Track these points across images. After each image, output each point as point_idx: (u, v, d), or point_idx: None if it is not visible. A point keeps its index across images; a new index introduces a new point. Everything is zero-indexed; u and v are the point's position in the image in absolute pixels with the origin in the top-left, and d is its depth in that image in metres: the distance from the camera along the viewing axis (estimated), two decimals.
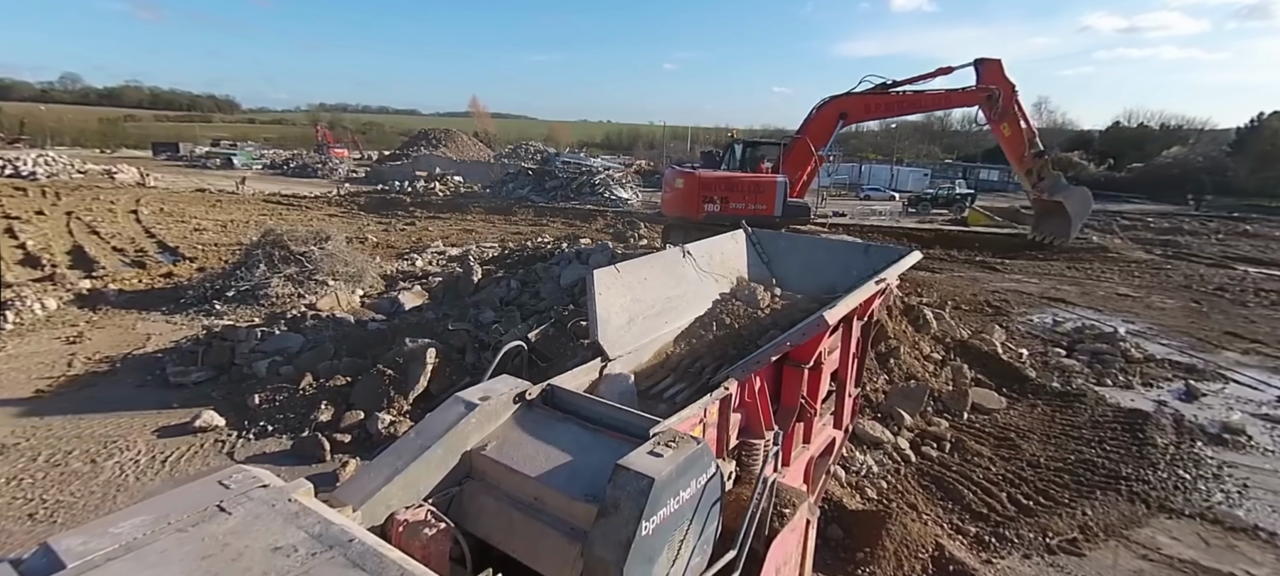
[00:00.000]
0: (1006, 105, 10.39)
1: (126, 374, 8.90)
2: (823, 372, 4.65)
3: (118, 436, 7.16)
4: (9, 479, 6.26)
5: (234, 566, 2.00)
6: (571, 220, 26.63)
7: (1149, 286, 16.95)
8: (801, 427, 4.58)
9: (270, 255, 12.36)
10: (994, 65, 10.83)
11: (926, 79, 11.51)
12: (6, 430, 7.21)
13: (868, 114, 11.65)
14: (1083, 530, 6.09)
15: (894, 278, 5.30)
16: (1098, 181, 56.03)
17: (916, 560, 5.35)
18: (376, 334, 9.44)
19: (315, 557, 2.06)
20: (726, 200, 9.91)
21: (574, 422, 3.38)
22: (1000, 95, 10.46)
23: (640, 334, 4.50)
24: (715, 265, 5.60)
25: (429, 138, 68.20)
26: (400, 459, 3.08)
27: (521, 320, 9.13)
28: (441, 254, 17.76)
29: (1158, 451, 7.58)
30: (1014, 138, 10.71)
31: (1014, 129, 10.65)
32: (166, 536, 2.13)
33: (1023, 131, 10.68)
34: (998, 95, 10.50)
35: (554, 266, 10.44)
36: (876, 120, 12.34)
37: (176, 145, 67.91)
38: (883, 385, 8.65)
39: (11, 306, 10.91)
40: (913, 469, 7.09)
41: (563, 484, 3.01)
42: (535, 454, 3.21)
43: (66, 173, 38.86)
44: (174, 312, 11.54)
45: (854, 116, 11.40)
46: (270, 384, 8.18)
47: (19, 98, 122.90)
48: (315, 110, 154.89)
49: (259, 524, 2.25)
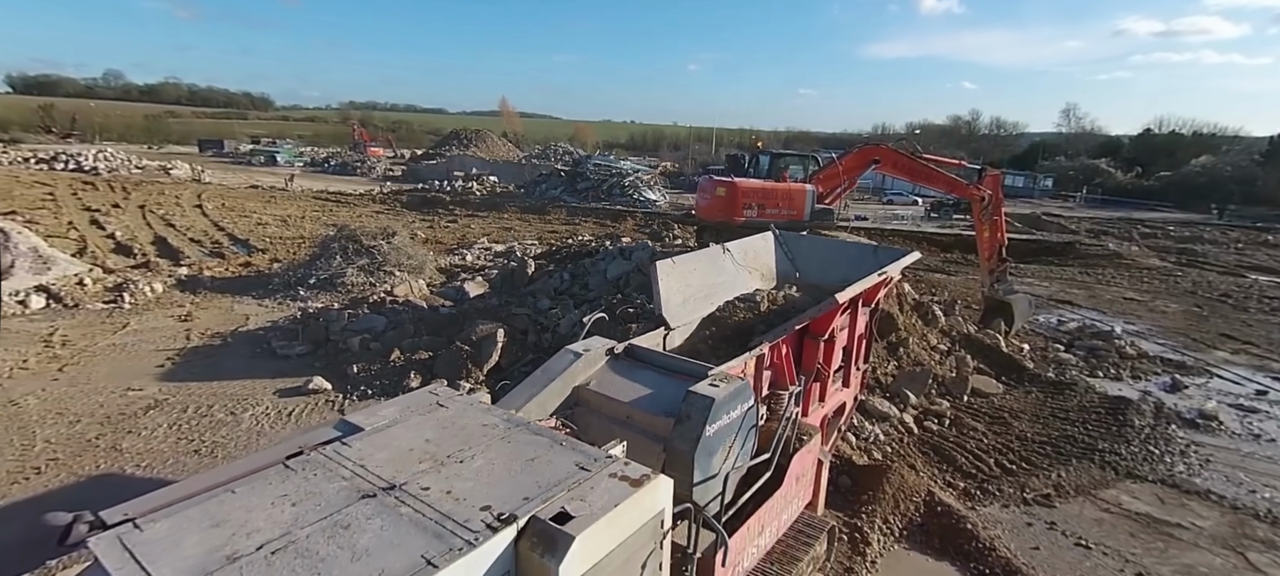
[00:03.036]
0: (994, 209, 12.16)
1: (237, 347, 10.41)
2: (836, 345, 5.88)
3: (246, 395, 8.63)
4: (171, 425, 7.74)
5: (462, 432, 3.36)
6: (602, 220, 27.96)
7: (1155, 291, 17.77)
8: (817, 388, 5.80)
9: (345, 248, 13.87)
10: (995, 176, 12.77)
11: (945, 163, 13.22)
12: (155, 389, 8.73)
13: (894, 169, 13.37)
14: (1056, 488, 7.22)
15: (896, 271, 6.51)
16: (1124, 189, 56.03)
17: (911, 503, 6.54)
18: (448, 317, 10.83)
19: (510, 429, 3.42)
20: (763, 206, 11.24)
21: (651, 369, 4.71)
22: (991, 200, 12.16)
23: (691, 311, 5.79)
24: (749, 260, 6.85)
25: (460, 137, 70.15)
26: (534, 388, 4.45)
27: (574, 307, 10.45)
28: (487, 249, 19.21)
29: (1134, 431, 8.64)
30: (991, 239, 12.45)
31: (992, 232, 12.36)
32: (414, 417, 3.53)
33: (999, 237, 12.41)
34: (989, 200, 12.17)
35: (600, 262, 11.76)
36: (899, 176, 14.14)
37: (222, 142, 70.79)
38: (892, 370, 9.80)
39: (128, 289, 12.53)
40: (914, 438, 8.26)
41: (647, 406, 4.35)
42: (625, 388, 4.55)
43: (125, 168, 41.28)
44: (264, 297, 13.08)
45: (883, 164, 13.04)
46: (363, 356, 9.62)
47: (64, 93, 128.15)
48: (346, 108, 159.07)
49: (469, 412, 3.64)
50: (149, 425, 7.68)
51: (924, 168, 12.63)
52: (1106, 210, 44.14)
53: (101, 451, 7.08)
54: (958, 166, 13.66)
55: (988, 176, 12.63)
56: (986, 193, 12.33)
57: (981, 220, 12.57)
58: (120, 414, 7.94)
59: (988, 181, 12.53)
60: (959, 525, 6.26)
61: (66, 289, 12.34)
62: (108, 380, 8.89)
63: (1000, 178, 13.06)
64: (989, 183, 12.51)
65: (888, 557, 5.97)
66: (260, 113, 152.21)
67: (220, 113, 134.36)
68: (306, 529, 2.58)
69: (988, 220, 12.50)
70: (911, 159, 12.70)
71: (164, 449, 7.21)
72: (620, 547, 2.84)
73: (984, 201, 12.31)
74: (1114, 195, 53.50)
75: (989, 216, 12.48)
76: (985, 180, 12.56)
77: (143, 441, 7.34)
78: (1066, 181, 58.74)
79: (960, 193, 13.07)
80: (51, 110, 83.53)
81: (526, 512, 2.66)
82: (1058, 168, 64.79)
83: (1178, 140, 70.17)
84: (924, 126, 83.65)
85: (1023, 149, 78.88)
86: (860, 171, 12.99)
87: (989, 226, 12.54)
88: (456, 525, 2.59)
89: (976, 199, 12.38)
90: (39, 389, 8.49)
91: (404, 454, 3.16)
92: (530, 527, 2.62)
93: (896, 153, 12.99)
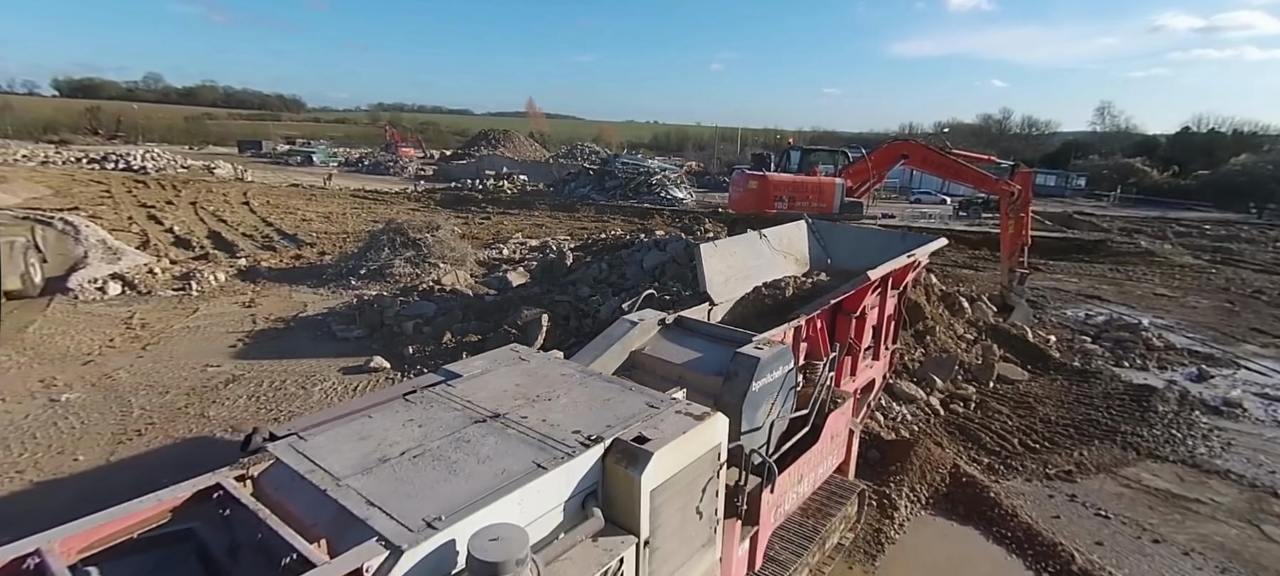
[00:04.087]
0: (1022, 206, 12.48)
1: (300, 330, 11.16)
2: (866, 322, 6.33)
3: (313, 372, 9.34)
4: (249, 396, 8.47)
5: (545, 379, 3.92)
6: (631, 217, 28.51)
7: (1187, 288, 17.75)
8: (849, 361, 6.26)
9: (392, 240, 14.62)
10: (1026, 173, 13.12)
11: (975, 158, 13.54)
12: (231, 366, 9.49)
13: (923, 164, 13.63)
14: (1078, 465, 7.57)
15: (924, 255, 6.93)
16: (1160, 188, 54.95)
17: (937, 475, 6.95)
18: (493, 304, 11.47)
19: (586, 377, 3.96)
20: (793, 199, 11.69)
21: (699, 337, 5.23)
22: (1020, 197, 12.44)
23: (732, 289, 6.31)
24: (784, 245, 7.33)
25: (488, 138, 71.38)
26: (596, 351, 5.00)
27: (613, 295, 11.00)
28: (522, 244, 19.88)
29: (1157, 416, 8.91)
30: (1015, 236, 12.75)
31: (1017, 229, 12.67)
32: (501, 368, 4.10)
33: (1023, 235, 12.72)
34: (1018, 196, 12.45)
35: (636, 253, 12.30)
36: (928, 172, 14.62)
37: (260, 143, 72.94)
38: (918, 357, 10.17)
39: (195, 277, 13.41)
40: (940, 420, 8.63)
41: (698, 367, 4.87)
42: (677, 352, 5.08)
43: (172, 167, 43.03)
44: (318, 286, 13.88)
45: (912, 160, 13.34)
46: (417, 339, 10.29)
47: (107, 96, 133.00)
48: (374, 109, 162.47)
49: (548, 364, 4.21)
50: (230, 396, 8.42)
51: (953, 163, 12.96)
52: (1141, 209, 43.41)
53: (191, 418, 7.82)
54: (988, 162, 13.94)
55: (1019, 173, 12.94)
56: (1016, 188, 12.61)
57: (1008, 215, 12.87)
58: (203, 386, 8.69)
59: (1019, 177, 12.83)
60: (983, 494, 6.66)
61: (139, 277, 13.25)
62: (187, 357, 9.68)
63: (1031, 176, 13.35)
64: (1020, 179, 12.80)
65: (914, 522, 6.40)
66: (292, 114, 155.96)
67: (254, 114, 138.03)
68: (436, 442, 3.17)
69: (1014, 216, 12.81)
70: (940, 154, 13.04)
71: (246, 416, 7.92)
72: (686, 469, 3.37)
73: (1013, 197, 12.61)
74: (1149, 194, 52.52)
75: (1016, 213, 12.78)
76: (1016, 176, 12.85)
77: (226, 409, 8.07)
78: (1100, 181, 57.77)
79: (989, 187, 13.35)
80: (98, 112, 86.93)
81: (610, 435, 3.21)
82: (1091, 167, 63.70)
83: (1217, 138, 68.52)
84: (953, 125, 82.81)
85: (1055, 148, 77.57)
86: (889, 166, 13.37)
87: (1014, 222, 12.84)
88: (555, 442, 3.15)
89: (1006, 194, 12.67)
90: (127, 364, 9.30)
91: (500, 393, 3.73)
92: (615, 446, 3.17)
93: (925, 148, 13.36)
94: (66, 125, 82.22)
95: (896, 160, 13.11)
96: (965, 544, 6.13)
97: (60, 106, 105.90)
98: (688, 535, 3.55)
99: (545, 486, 2.87)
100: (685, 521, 3.50)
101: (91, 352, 9.69)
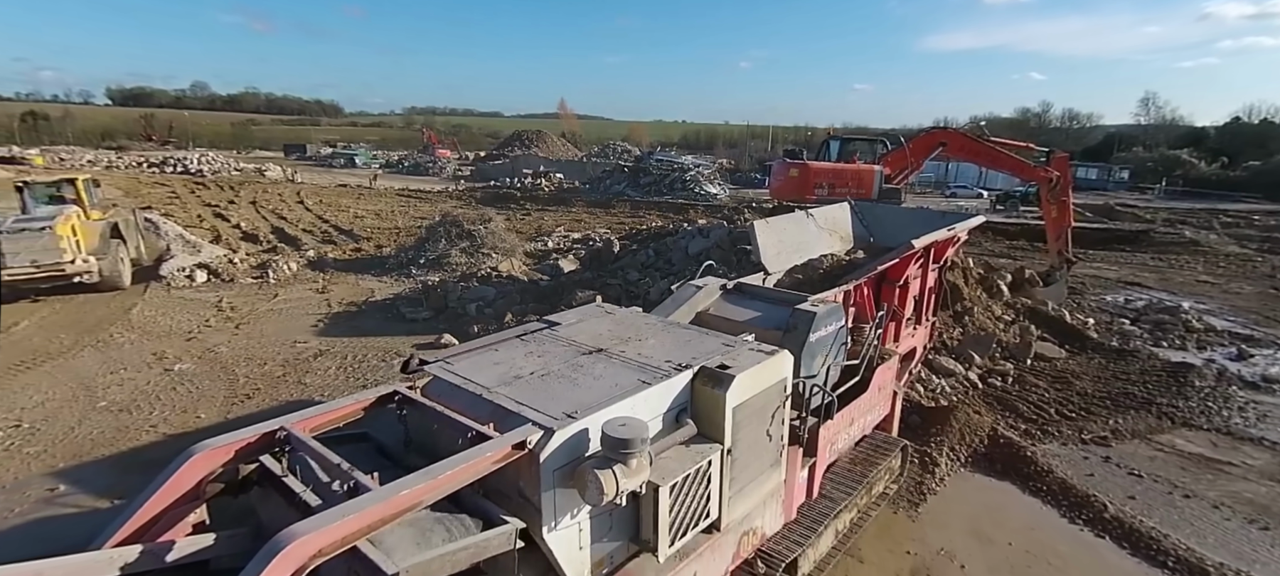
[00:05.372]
0: (1062, 191, 12.78)
1: (372, 312, 12.06)
2: (908, 292, 6.84)
3: (390, 347, 10.18)
4: (338, 367, 9.34)
5: (632, 326, 4.57)
6: (666, 213, 29.12)
7: (1231, 275, 17.65)
8: (892, 327, 6.78)
9: (448, 232, 15.51)
10: (1062, 157, 13.43)
11: (1012, 145, 13.84)
12: (316, 342, 10.40)
13: (961, 152, 14.02)
14: (1112, 432, 7.95)
15: (963, 231, 7.40)
16: (1208, 180, 53.40)
17: (975, 437, 7.43)
18: (548, 288, 12.21)
19: (666, 325, 4.61)
20: (833, 186, 12.17)
21: (758, 299, 5.82)
22: (1059, 182, 12.74)
23: (784, 261, 6.88)
24: (829, 224, 7.88)
25: (521, 139, 72.75)
26: (666, 310, 5.63)
27: (661, 278, 11.64)
28: (565, 237, 20.67)
29: (1194, 390, 9.19)
30: (1059, 220, 13.06)
31: (1061, 213, 12.98)
32: (591, 318, 4.77)
33: (1067, 220, 13.02)
34: (1057, 182, 12.75)
35: (681, 240, 12.93)
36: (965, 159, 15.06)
37: (304, 146, 75.47)
38: (957, 336, 10.57)
39: (271, 267, 14.47)
40: (979, 392, 9.07)
41: (759, 323, 5.46)
42: (739, 312, 5.67)
43: (226, 170, 45.09)
44: (382, 274, 14.84)
45: (950, 148, 13.73)
46: (480, 319, 11.08)
47: (157, 103, 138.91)
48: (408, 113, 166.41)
49: (631, 316, 4.88)
50: (320, 367, 9.30)
51: (990, 150, 13.27)
52: (1187, 202, 42.39)
53: (290, 385, 8.70)
54: (1025, 149, 14.21)
55: (1055, 158, 13.20)
56: (1054, 174, 12.88)
57: (1049, 201, 13.10)
58: (294, 359, 9.59)
59: (1055, 163, 13.09)
60: (1020, 454, 7.12)
61: (222, 266, 14.37)
62: (276, 335, 10.62)
63: (1068, 159, 13.59)
64: (1056, 165, 13.06)
65: (954, 478, 6.90)
66: (330, 119, 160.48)
67: (294, 120, 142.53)
68: (556, 366, 3.86)
69: (1056, 201, 13.03)
70: (977, 141, 13.35)
71: (337, 384, 8.77)
72: (760, 394, 4.00)
73: (1052, 182, 12.85)
74: (1197, 187, 51.09)
75: (1057, 198, 13.00)
76: (1053, 162, 13.12)
77: (320, 378, 8.94)
78: (1144, 173, 56.35)
79: (1027, 174, 13.62)
80: (152, 119, 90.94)
81: (697, 363, 3.86)
82: (1135, 159, 62.10)
83: (1269, 129, 66.13)
84: (989, 119, 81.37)
85: (1097, 141, 75.71)
86: (927, 154, 13.70)
87: (1057, 207, 13.07)
88: (653, 368, 3.81)
89: (1044, 180, 12.94)
90: (225, 341, 10.27)
91: (598, 335, 4.41)
92: (702, 371, 3.82)
93: (962, 135, 13.68)
94: (123, 132, 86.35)
95: (934, 148, 13.47)
96: (1002, 496, 6.61)
97: (116, 115, 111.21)
98: (760, 452, 4.18)
99: (649, 398, 3.53)
100: (758, 440, 4.13)
101: (191, 331, 10.70)
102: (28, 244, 11.52)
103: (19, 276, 11.46)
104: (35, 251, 11.57)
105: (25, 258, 11.50)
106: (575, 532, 3.24)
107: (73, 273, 11.92)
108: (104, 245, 12.68)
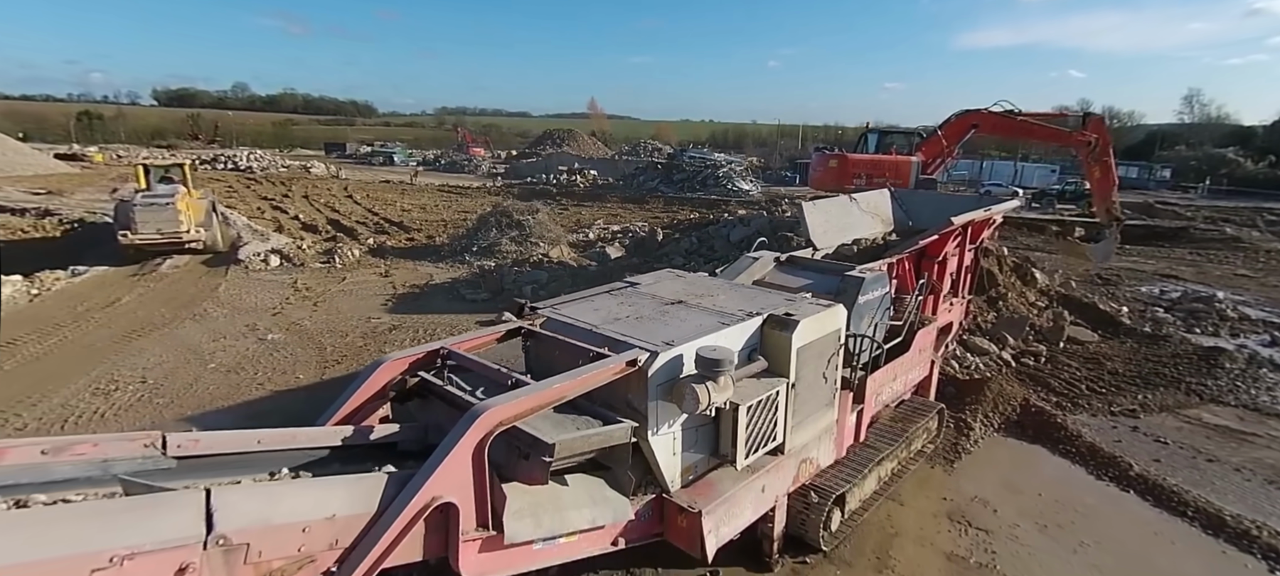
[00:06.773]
0: (1102, 152, 12.93)
1: (434, 294, 12.95)
2: (946, 268, 7.40)
3: (455, 323, 11.03)
4: (412, 339, 10.22)
5: (702, 285, 5.30)
6: (698, 208, 29.74)
7: (1270, 270, 17.62)
8: (932, 300, 7.35)
9: (499, 222, 16.38)
10: (1098, 119, 13.54)
11: (1047, 115, 14.14)
12: (389, 319, 11.30)
13: (994, 130, 14.31)
14: (1141, 405, 8.38)
15: (1000, 213, 7.92)
16: (1254, 179, 51.99)
17: (1009, 406, 7.94)
18: (595, 273, 12.96)
19: (733, 285, 5.30)
20: (871, 176, 12.71)
21: (810, 269, 6.46)
22: (1098, 144, 12.90)
23: (831, 239, 7.51)
24: (870, 208, 8.46)
25: (552, 137, 73.93)
26: (727, 277, 6.27)
27: (704, 264, 12.29)
28: (605, 229, 21.42)
29: (1224, 371, 9.51)
30: (1104, 179, 13.20)
31: (1104, 173, 13.15)
32: (666, 280, 5.47)
33: (1111, 178, 13.19)
34: (1096, 144, 12.91)
35: (722, 228, 13.57)
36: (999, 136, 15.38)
37: (344, 145, 77.68)
38: (991, 319, 11.02)
39: (336, 253, 15.51)
40: (1012, 370, 9.53)
41: (812, 289, 6.08)
42: (792, 281, 6.31)
43: (274, 168, 46.95)
44: (438, 261, 15.76)
45: (984, 129, 14.02)
46: (535, 300, 11.85)
47: (200, 104, 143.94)
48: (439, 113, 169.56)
49: (702, 278, 5.62)
50: (396, 338, 10.18)
51: (1023, 124, 13.49)
52: (1232, 200, 41.51)
53: (372, 353, 9.57)
54: (1059, 117, 14.35)
55: (1091, 121, 13.34)
56: (1092, 137, 13.05)
57: (1091, 164, 13.28)
58: (371, 332, 10.50)
59: (1092, 125, 13.23)
60: (1051, 420, 7.63)
61: (292, 252, 15.44)
62: (351, 312, 11.56)
63: (1103, 119, 13.72)
64: (1093, 127, 13.19)
65: (987, 441, 7.43)
66: (365, 119, 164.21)
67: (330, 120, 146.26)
68: (646, 311, 4.57)
69: (1098, 162, 13.19)
70: (1010, 118, 13.58)
71: None
72: (819, 341, 4.66)
73: (1091, 146, 13.02)
74: (1242, 186, 49.78)
75: (1098, 159, 13.16)
76: (1089, 124, 13.27)
77: (397, 348, 9.79)
78: (1187, 172, 55.06)
79: (1064, 141, 13.76)
80: (198, 119, 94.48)
81: (766, 311, 4.52)
82: (1177, 158, 60.67)
83: None
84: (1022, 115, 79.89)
85: (1138, 139, 74.02)
86: (960, 138, 13.99)
87: (1099, 168, 13.23)
88: (728, 314, 4.49)
89: (1083, 144, 13.10)
90: (306, 316, 11.24)
91: (676, 291, 5.10)
92: (770, 318, 4.48)
93: (994, 114, 13.87)
94: (171, 132, 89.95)
95: (968, 131, 13.72)
96: (1033, 456, 7.14)
97: (164, 115, 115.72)
98: (817, 391, 4.84)
99: (728, 336, 4.22)
100: (816, 381, 4.79)
101: (275, 307, 11.69)
102: (155, 215, 14.22)
103: (147, 240, 14.20)
104: (160, 221, 14.24)
105: (152, 226, 14.16)
106: (670, 440, 3.95)
107: (186, 240, 14.58)
108: (207, 218, 15.34)
